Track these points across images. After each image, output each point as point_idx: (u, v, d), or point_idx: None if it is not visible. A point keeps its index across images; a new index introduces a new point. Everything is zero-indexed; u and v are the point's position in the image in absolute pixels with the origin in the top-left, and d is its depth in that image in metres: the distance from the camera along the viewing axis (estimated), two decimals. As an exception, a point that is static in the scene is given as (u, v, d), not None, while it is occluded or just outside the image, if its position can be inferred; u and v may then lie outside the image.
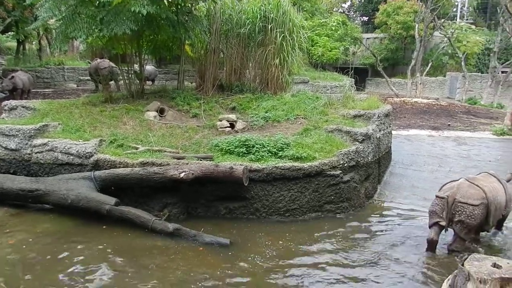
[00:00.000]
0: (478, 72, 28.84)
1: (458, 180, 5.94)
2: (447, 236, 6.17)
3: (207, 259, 5.60)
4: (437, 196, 5.86)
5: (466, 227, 5.57)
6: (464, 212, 5.52)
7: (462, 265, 2.50)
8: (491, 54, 26.08)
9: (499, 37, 25.45)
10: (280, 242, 6.15)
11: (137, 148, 7.59)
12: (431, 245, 5.83)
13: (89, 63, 16.06)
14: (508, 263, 2.48)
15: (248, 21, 10.61)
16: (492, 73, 25.30)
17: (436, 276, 5.28)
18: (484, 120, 16.97)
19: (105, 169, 7.01)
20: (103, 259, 5.50)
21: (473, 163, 9.94)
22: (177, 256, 5.67)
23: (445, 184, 6.06)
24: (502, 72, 25.57)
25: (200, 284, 4.96)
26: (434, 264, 5.64)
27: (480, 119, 17.15)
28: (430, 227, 5.90)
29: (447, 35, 26.38)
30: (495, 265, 2.46)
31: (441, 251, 6.00)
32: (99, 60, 14.63)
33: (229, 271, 5.26)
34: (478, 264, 2.46)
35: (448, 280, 2.67)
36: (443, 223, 5.72)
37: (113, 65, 14.06)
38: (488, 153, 10.86)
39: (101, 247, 5.84)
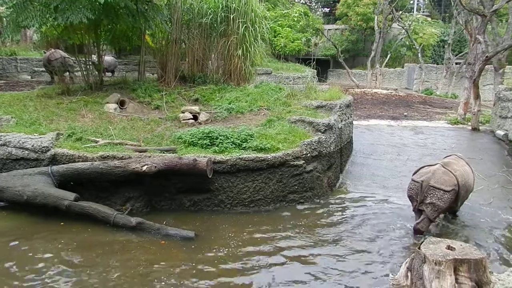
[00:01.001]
0: (434, 64, 29.97)
1: (434, 165, 6.30)
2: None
3: (170, 253, 5.53)
4: (412, 180, 6.21)
5: (437, 210, 5.97)
6: (435, 195, 5.93)
7: (419, 248, 2.60)
8: (445, 46, 27.12)
9: (453, 29, 26.49)
10: (244, 233, 6.16)
11: (97, 142, 7.38)
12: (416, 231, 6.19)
13: (44, 53, 15.33)
14: (461, 245, 2.60)
15: (209, 10, 10.49)
16: (446, 65, 26.35)
17: (396, 259, 5.49)
18: (440, 109, 17.66)
19: (63, 163, 6.77)
20: (61, 257, 5.31)
21: (429, 151, 10.34)
22: (139, 250, 5.55)
23: (421, 168, 6.41)
24: (456, 63, 26.66)
25: (163, 279, 4.90)
26: (394, 247, 5.86)
27: (436, 109, 17.83)
28: (414, 211, 6.32)
29: (405, 27, 27.19)
30: (449, 247, 2.58)
31: (399, 235, 6.24)
32: (51, 50, 13.98)
33: (193, 264, 5.22)
34: (434, 247, 2.57)
35: (406, 263, 2.77)
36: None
37: (66, 55, 13.50)
38: (443, 142, 11.32)
39: (58, 244, 5.64)
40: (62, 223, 6.20)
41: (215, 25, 10.68)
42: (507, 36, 15.40)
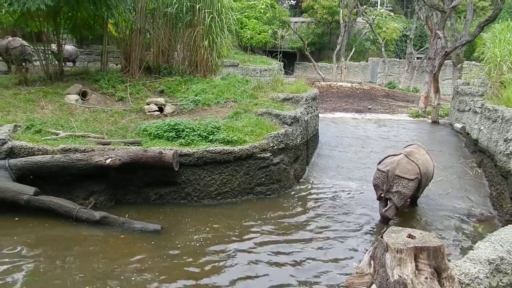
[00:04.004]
0: (397, 58, 30.71)
1: (398, 155, 6.55)
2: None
3: (129, 248, 5.38)
4: (378, 169, 6.45)
5: (403, 197, 6.26)
6: (401, 184, 6.23)
7: (381, 237, 2.67)
8: (407, 41, 27.85)
9: (415, 24, 27.25)
10: (208, 226, 6.10)
11: (57, 134, 7.12)
12: (385, 218, 6.42)
13: (1, 40, 14.56)
14: (421, 233, 2.70)
15: (175, 0, 10.28)
16: (408, 59, 27.09)
17: (360, 248, 5.64)
18: (402, 103, 18.19)
19: (22, 156, 6.49)
20: (14, 254, 5.07)
21: (392, 143, 10.64)
22: (97, 247, 5.37)
23: (386, 158, 6.67)
24: (417, 58, 27.45)
25: (123, 276, 4.76)
26: (358, 236, 6.01)
27: (398, 102, 18.35)
28: (378, 199, 6.55)
29: (369, 21, 27.69)
30: (410, 236, 2.67)
31: (364, 225, 6.41)
32: (10, 38, 13.30)
33: (155, 259, 5.12)
34: (395, 236, 2.65)
35: (369, 251, 2.85)
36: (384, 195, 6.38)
37: (26, 44, 12.91)
38: (405, 134, 11.68)
39: (12, 241, 5.38)
40: (16, 218, 5.94)
41: (180, 15, 10.49)
42: (465, 32, 15.99)
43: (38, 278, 4.64)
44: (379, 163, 6.64)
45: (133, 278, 4.71)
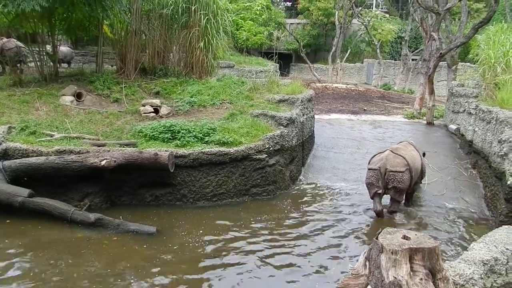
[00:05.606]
0: (392, 59, 30.76)
1: (384, 152, 6.76)
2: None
3: (122, 251, 5.35)
4: (370, 169, 6.64)
5: (399, 191, 6.49)
6: (395, 179, 6.42)
7: (376, 238, 2.68)
8: (402, 43, 27.94)
9: (410, 26, 27.32)
10: (200, 231, 6.05)
11: (52, 136, 7.09)
12: (379, 215, 6.61)
13: (-6, 42, 14.45)
14: (416, 234, 2.71)
15: (170, 1, 10.27)
16: (403, 61, 27.16)
17: (355, 249, 5.65)
18: (397, 104, 18.23)
19: (16, 158, 6.46)
20: (5, 257, 5.04)
21: (387, 144, 10.60)
22: (90, 249, 5.34)
23: (373, 157, 6.88)
24: (413, 59, 27.53)
25: (115, 278, 4.72)
26: (354, 238, 6.02)
27: (394, 104, 18.39)
28: (372, 198, 6.67)
29: (364, 23, 27.76)
30: (404, 237, 2.68)
31: (359, 225, 6.42)
32: (4, 39, 13.23)
33: (143, 264, 5.05)
34: (390, 237, 2.66)
35: (364, 253, 2.86)
36: (380, 191, 6.54)
37: (21, 45, 12.85)
38: (401, 135, 11.69)
39: (3, 244, 5.35)
40: (8, 221, 5.91)
41: (176, 16, 10.48)
42: (460, 34, 16.06)
43: (29, 281, 4.61)
44: (368, 163, 6.84)
45: (124, 281, 4.69)
